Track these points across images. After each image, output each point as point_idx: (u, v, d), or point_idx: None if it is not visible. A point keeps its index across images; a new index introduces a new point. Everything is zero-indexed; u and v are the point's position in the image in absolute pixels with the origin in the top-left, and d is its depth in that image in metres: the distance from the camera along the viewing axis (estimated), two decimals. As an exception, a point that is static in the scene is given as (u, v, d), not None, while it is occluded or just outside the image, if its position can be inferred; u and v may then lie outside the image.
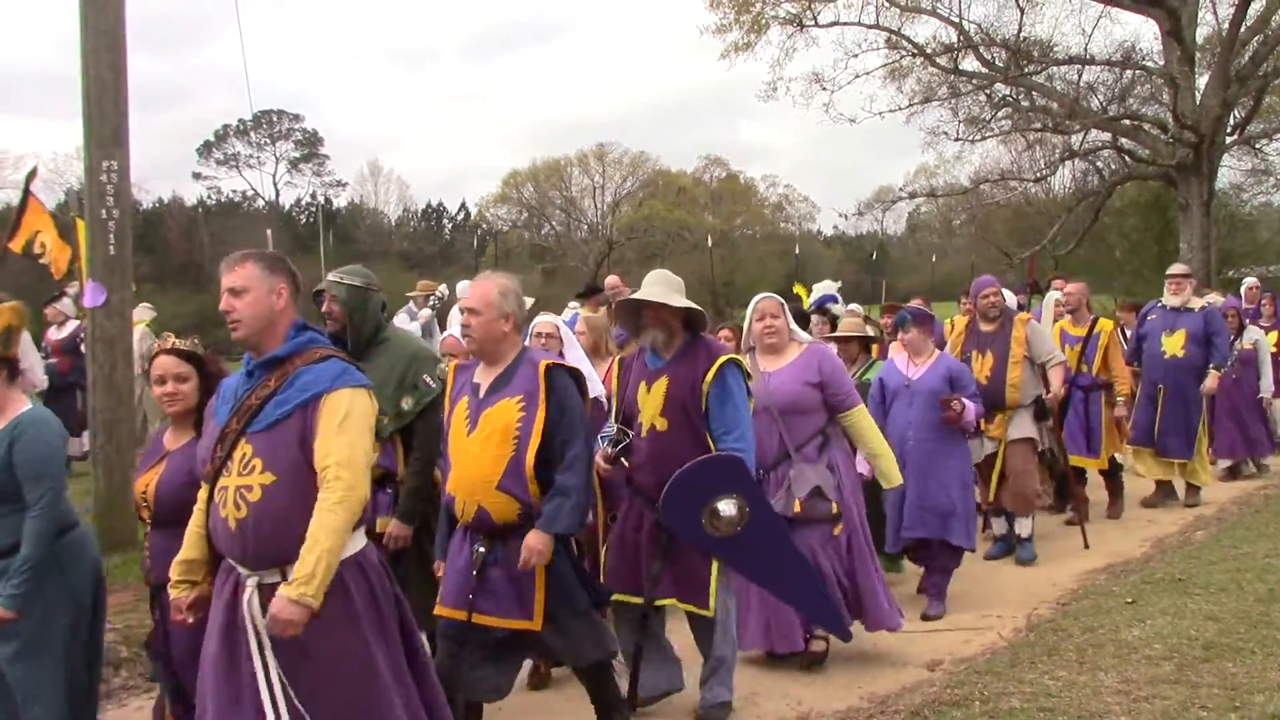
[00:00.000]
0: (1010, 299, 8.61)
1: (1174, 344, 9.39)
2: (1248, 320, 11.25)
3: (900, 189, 34.89)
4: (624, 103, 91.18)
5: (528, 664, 5.17)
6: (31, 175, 9.85)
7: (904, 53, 25.88)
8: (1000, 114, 26.88)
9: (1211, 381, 9.39)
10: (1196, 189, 22.57)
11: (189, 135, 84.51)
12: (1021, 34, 24.63)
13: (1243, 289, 12.92)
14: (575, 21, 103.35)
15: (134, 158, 7.75)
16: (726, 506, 4.56)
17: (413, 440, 4.89)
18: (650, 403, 4.80)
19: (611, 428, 4.98)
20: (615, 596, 4.73)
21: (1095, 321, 9.01)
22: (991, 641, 5.84)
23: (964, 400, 6.48)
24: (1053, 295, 9.79)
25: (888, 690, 5.18)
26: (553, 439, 4.17)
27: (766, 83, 27.71)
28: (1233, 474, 10.78)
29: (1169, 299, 9.63)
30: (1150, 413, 9.46)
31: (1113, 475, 9.21)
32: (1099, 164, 29.05)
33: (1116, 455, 9.19)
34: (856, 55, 25.89)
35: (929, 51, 25.59)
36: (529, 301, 5.02)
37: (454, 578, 4.27)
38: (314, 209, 58.47)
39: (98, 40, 7.52)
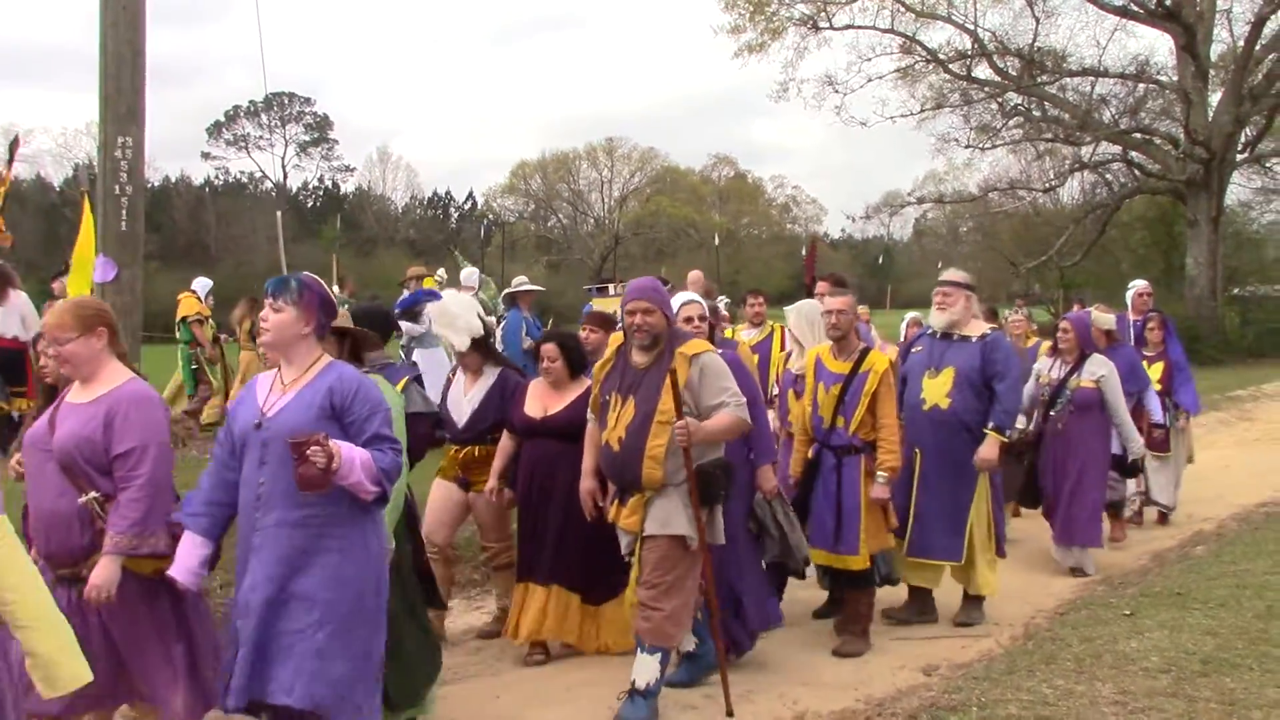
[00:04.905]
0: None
1: (937, 390, 6.23)
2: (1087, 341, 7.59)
3: (909, 194, 35.04)
4: (637, 98, 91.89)
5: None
6: (14, 144, 10.00)
7: (917, 58, 25.95)
8: (1011, 123, 27.02)
9: (989, 450, 6.12)
10: (1206, 205, 22.63)
11: (199, 113, 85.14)
12: (1036, 44, 24.74)
13: (1129, 296, 9.92)
14: (591, 15, 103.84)
15: (145, 134, 7.78)
16: None
17: None
18: None
19: None
20: None
21: (865, 355, 5.81)
22: (988, 649, 5.84)
23: (334, 443, 3.44)
24: (804, 306, 6.63)
25: (884, 693, 5.19)
26: None
27: (779, 83, 27.92)
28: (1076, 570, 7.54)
29: (934, 318, 6.45)
30: (907, 493, 6.20)
31: (865, 582, 5.85)
32: (1108, 177, 29.18)
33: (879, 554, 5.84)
34: (870, 59, 26.02)
35: (942, 58, 25.64)
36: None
37: None
38: (321, 193, 58.67)
39: (117, 16, 7.53)
